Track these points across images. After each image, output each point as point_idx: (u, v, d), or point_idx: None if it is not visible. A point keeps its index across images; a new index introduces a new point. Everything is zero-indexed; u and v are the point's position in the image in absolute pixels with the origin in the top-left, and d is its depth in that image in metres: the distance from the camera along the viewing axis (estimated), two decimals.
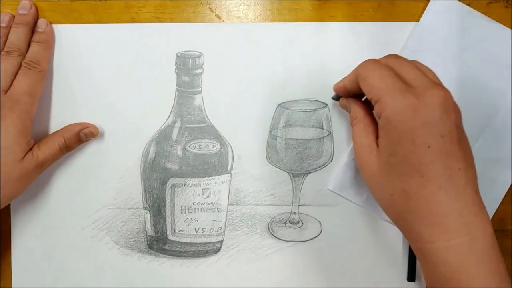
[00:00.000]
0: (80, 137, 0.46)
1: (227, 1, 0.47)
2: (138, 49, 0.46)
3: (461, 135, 0.34)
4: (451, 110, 0.34)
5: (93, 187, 0.47)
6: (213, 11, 0.47)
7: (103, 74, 0.47)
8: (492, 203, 0.46)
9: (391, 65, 0.37)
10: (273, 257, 0.46)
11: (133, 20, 0.47)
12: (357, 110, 0.40)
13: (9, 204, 0.47)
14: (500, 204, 0.46)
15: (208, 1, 0.47)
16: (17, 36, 0.44)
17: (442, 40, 0.46)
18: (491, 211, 0.46)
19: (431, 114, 0.33)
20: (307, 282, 0.46)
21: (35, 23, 0.46)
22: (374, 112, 0.37)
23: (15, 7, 0.46)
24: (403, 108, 0.33)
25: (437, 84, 0.35)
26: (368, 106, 0.40)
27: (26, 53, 0.44)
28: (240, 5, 0.47)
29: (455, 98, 0.35)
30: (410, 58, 0.45)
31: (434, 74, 0.37)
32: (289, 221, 0.47)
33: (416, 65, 0.37)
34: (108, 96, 0.47)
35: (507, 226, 0.47)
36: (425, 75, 0.36)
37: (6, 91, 0.42)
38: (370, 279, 0.46)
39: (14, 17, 0.45)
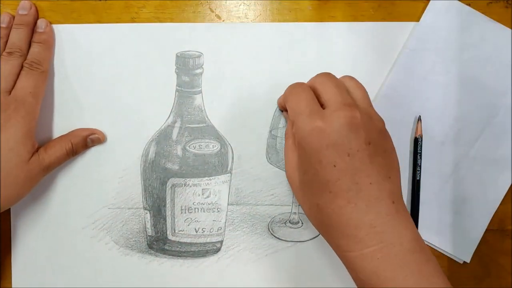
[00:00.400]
0: (87, 142, 0.46)
1: (227, 1, 0.47)
2: (138, 49, 0.46)
3: (374, 151, 0.35)
4: (359, 129, 0.35)
5: (93, 187, 0.47)
6: (213, 11, 0.47)
7: (103, 75, 0.47)
8: (492, 203, 0.46)
9: (316, 85, 0.39)
10: (273, 257, 0.46)
11: (133, 20, 0.47)
12: (289, 128, 0.41)
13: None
14: (500, 204, 0.46)
15: (208, 1, 0.47)
16: (18, 37, 0.44)
17: (442, 40, 0.46)
18: (491, 211, 0.46)
19: (337, 135, 0.35)
20: (308, 282, 0.46)
21: (35, 23, 0.46)
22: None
23: (15, 7, 0.46)
24: (310, 132, 0.35)
25: (347, 105, 0.36)
26: None
27: (27, 53, 0.44)
28: (240, 5, 0.47)
29: (456, 98, 0.35)
30: (410, 58, 0.45)
31: (360, 90, 0.39)
32: (289, 221, 0.47)
33: (339, 85, 0.38)
34: (108, 96, 0.47)
35: (507, 226, 0.47)
36: (343, 94, 0.37)
37: (9, 92, 0.42)
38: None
39: (14, 17, 0.45)
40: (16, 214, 0.47)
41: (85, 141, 0.46)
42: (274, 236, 0.47)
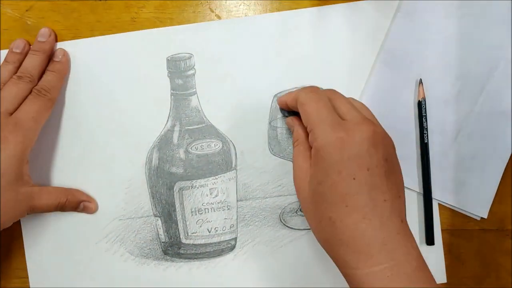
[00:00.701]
0: (79, 207, 0.46)
1: (227, 1, 0.47)
2: (128, 58, 0.47)
3: (389, 168, 0.36)
4: (379, 144, 0.35)
5: (101, 201, 0.47)
6: (213, 11, 0.47)
7: (97, 89, 0.47)
8: (502, 156, 0.46)
9: (329, 97, 0.39)
10: (288, 247, 0.46)
11: (133, 20, 0.47)
12: (300, 133, 0.41)
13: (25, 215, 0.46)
14: (500, 204, 0.46)
15: (208, 1, 0.47)
16: (32, 63, 0.44)
17: (418, 41, 0.46)
18: (502, 164, 0.46)
19: (359, 148, 0.35)
20: (325, 267, 0.46)
21: (52, 50, 0.46)
22: (309, 139, 0.38)
23: (15, 7, 0.46)
24: (332, 141, 0.35)
25: (368, 120, 0.36)
26: None
27: (37, 80, 0.44)
28: (240, 5, 0.47)
29: (454, 55, 0.35)
30: (404, 20, 0.46)
31: (368, 110, 0.39)
32: (300, 210, 0.47)
33: (350, 101, 0.39)
34: (105, 108, 0.47)
35: (507, 226, 0.47)
36: (358, 110, 0.38)
37: (10, 114, 0.42)
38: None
39: (28, 43, 0.45)
40: (28, 236, 0.47)
41: (77, 204, 0.46)
42: (287, 226, 0.47)
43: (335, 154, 0.35)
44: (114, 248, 0.47)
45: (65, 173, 0.47)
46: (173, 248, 0.47)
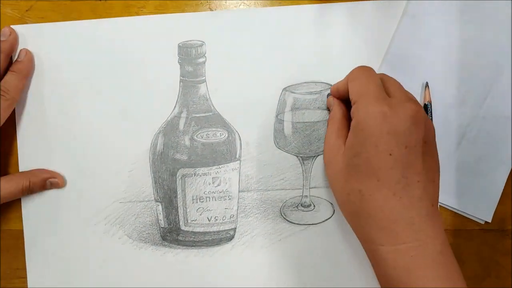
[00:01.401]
0: (46, 185, 0.46)
1: (227, 1, 0.47)
2: (140, 42, 0.47)
3: (428, 151, 0.36)
4: (421, 124, 0.35)
5: (103, 183, 0.47)
6: (213, 11, 0.47)
7: (105, 70, 0.47)
8: (507, 160, 0.46)
9: (381, 77, 0.39)
10: (287, 241, 0.46)
11: None
12: (337, 111, 0.41)
13: (20, 204, 0.47)
14: (500, 204, 0.46)
15: (208, 1, 0.47)
16: None
17: (441, 3, 0.46)
18: (507, 169, 0.46)
19: (400, 124, 0.35)
20: (322, 264, 0.46)
21: (13, 49, 0.45)
22: (351, 112, 0.38)
23: (16, 7, 0.46)
24: (373, 114, 0.35)
25: (414, 100, 0.37)
26: (349, 111, 0.41)
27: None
28: (240, 5, 0.47)
29: (460, 60, 0.36)
30: (411, 24, 0.46)
31: (413, 97, 0.39)
32: (301, 205, 0.47)
33: (399, 83, 0.39)
34: (112, 92, 0.47)
35: (507, 226, 0.47)
36: (406, 91, 0.38)
37: None
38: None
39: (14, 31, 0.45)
40: (28, 214, 0.47)
41: (43, 183, 0.46)
42: (287, 220, 0.47)
43: (375, 127, 0.35)
44: (113, 230, 0.47)
45: (70, 153, 0.47)
46: (172, 234, 0.47)
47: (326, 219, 0.46)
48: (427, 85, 0.46)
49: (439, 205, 0.46)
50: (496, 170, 0.46)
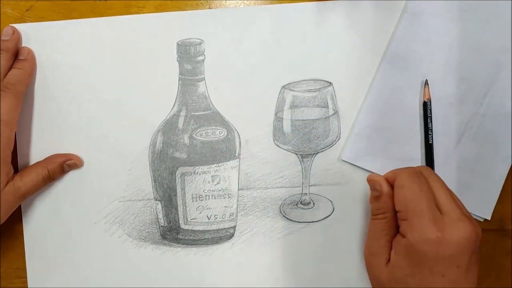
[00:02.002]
0: (64, 168, 0.46)
1: (227, 1, 0.47)
2: (139, 41, 0.46)
3: (471, 270, 0.36)
4: (475, 246, 0.35)
5: (102, 182, 0.47)
6: (212, 9, 0.47)
7: (103, 69, 0.46)
8: (506, 158, 0.46)
9: (427, 177, 0.38)
10: (287, 239, 0.46)
11: None
12: (389, 204, 0.39)
13: (19, 204, 0.47)
14: (500, 204, 0.46)
15: (208, 1, 0.47)
16: None
17: (442, 2, 0.46)
18: (506, 166, 0.46)
19: (454, 249, 0.35)
20: (322, 262, 0.46)
21: (17, 49, 0.45)
22: (400, 226, 0.38)
23: (15, 6, 0.46)
24: (430, 240, 0.35)
25: (466, 217, 0.36)
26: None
27: (3, 78, 0.44)
28: (240, 5, 0.47)
29: (460, 58, 0.35)
30: (411, 21, 0.46)
31: (463, 206, 0.38)
32: (301, 202, 0.47)
33: (446, 188, 0.38)
34: (110, 90, 0.47)
35: (507, 226, 0.47)
36: (455, 201, 0.37)
37: None
38: None
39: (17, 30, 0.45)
40: (27, 213, 0.47)
41: (61, 167, 0.46)
42: (287, 218, 0.47)
43: (431, 253, 0.35)
44: (113, 229, 0.47)
45: (70, 151, 0.47)
46: (172, 232, 0.47)
47: (326, 217, 0.46)
48: (426, 82, 0.46)
49: None
50: (496, 167, 0.46)
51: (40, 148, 0.47)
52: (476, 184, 0.46)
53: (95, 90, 0.47)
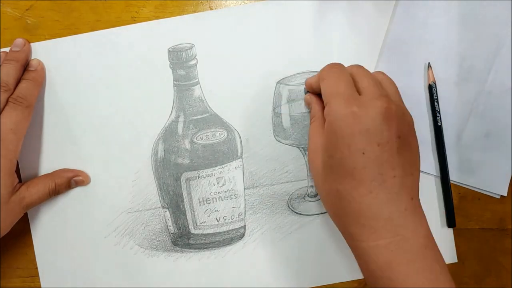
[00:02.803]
0: (71, 184, 0.46)
1: (228, 1, 0.47)
2: (130, 52, 0.46)
3: (402, 145, 0.36)
4: (393, 121, 0.35)
5: (109, 195, 0.47)
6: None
7: (98, 83, 0.47)
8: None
9: (353, 72, 0.39)
10: (298, 233, 0.46)
11: (133, 19, 0.47)
12: (317, 109, 0.41)
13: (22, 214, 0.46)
14: (500, 203, 0.46)
15: (209, 0, 0.47)
16: (6, 72, 0.44)
17: (421, 25, 0.46)
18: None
19: (370, 123, 0.35)
20: (335, 251, 0.46)
21: (27, 61, 0.46)
22: (324, 113, 0.38)
23: (16, 6, 0.46)
24: (344, 115, 0.35)
25: (384, 96, 0.36)
26: None
27: (14, 89, 0.44)
28: (240, 4, 0.47)
29: (460, 36, 0.38)
30: (407, 5, 0.45)
31: (393, 85, 0.39)
32: (308, 195, 0.47)
33: (373, 76, 0.39)
34: (108, 102, 0.47)
35: (507, 226, 0.47)
36: (378, 86, 0.37)
37: None
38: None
39: (28, 42, 0.46)
40: (37, 236, 0.47)
41: (69, 182, 0.46)
42: (295, 212, 0.47)
43: (346, 128, 0.35)
44: (123, 241, 0.47)
45: (72, 165, 0.47)
46: (183, 238, 0.47)
47: None
48: (429, 65, 0.46)
49: (454, 184, 0.46)
50: (507, 143, 0.46)
51: (42, 162, 0.47)
52: (489, 162, 0.46)
53: (93, 104, 0.47)
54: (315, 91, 0.42)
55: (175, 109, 0.46)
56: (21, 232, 0.47)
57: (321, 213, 0.46)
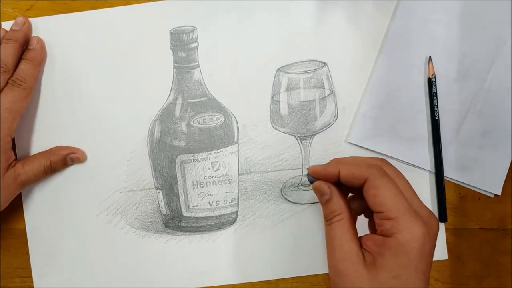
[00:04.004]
0: (66, 161, 0.46)
1: None
2: (131, 31, 0.47)
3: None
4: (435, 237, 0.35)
5: (103, 174, 0.47)
6: None
7: (99, 62, 0.47)
8: (511, 135, 0.46)
9: (394, 178, 0.36)
10: (289, 221, 0.47)
11: None
12: (342, 205, 0.37)
13: (21, 203, 0.47)
14: (500, 203, 0.46)
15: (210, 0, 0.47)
16: (5, 52, 0.44)
17: (423, 21, 0.46)
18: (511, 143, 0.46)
19: (433, 245, 0.35)
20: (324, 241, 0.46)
21: (27, 39, 0.45)
22: (380, 227, 0.35)
23: (16, 6, 0.46)
24: (419, 236, 0.34)
25: (430, 211, 0.36)
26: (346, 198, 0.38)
27: (13, 69, 0.44)
28: None
29: (461, 33, 0.39)
30: (410, 5, 0.45)
31: (407, 185, 0.37)
32: (301, 184, 0.47)
33: (409, 184, 0.37)
34: (106, 81, 0.47)
35: (507, 226, 0.47)
36: (418, 198, 0.36)
37: None
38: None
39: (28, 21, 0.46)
40: (29, 209, 0.47)
41: (64, 160, 0.46)
42: (288, 200, 0.47)
43: (418, 250, 0.34)
44: (115, 220, 0.47)
45: (69, 143, 0.47)
46: (174, 221, 0.47)
47: None
48: (430, 59, 0.46)
49: (452, 182, 0.46)
50: (503, 142, 0.46)
51: (39, 139, 0.47)
52: (485, 160, 0.46)
53: (92, 82, 0.47)
54: (326, 179, 0.37)
55: (173, 91, 0.46)
56: (21, 231, 0.47)
57: (314, 203, 0.47)
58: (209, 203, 0.46)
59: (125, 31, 0.46)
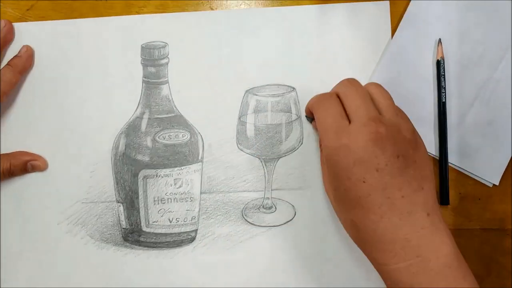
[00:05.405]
0: (27, 167, 0.46)
1: (228, 1, 0.47)
2: (103, 43, 0.47)
3: (404, 163, 0.35)
4: (385, 144, 0.34)
5: (66, 183, 0.47)
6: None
7: (66, 71, 0.47)
8: None
9: (341, 96, 0.39)
10: (248, 243, 0.46)
11: None
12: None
13: None
14: (500, 203, 0.46)
15: (209, 0, 0.47)
16: None
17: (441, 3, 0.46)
18: None
19: (363, 152, 0.34)
20: (284, 265, 0.46)
21: (7, 42, 0.46)
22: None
23: (16, 6, 0.47)
24: (336, 149, 0.36)
25: (371, 120, 0.35)
26: None
27: None
28: (241, 5, 0.47)
29: (476, 20, 0.39)
30: (413, 18, 0.45)
31: (386, 101, 0.38)
32: (263, 206, 0.47)
33: (362, 95, 0.38)
34: (75, 91, 0.47)
35: (507, 226, 0.47)
36: (367, 107, 0.36)
37: None
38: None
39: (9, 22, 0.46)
40: None
41: (25, 166, 0.46)
42: (248, 222, 0.47)
43: (341, 162, 0.35)
44: (75, 230, 0.47)
45: (32, 150, 0.47)
46: (133, 235, 0.47)
47: (288, 221, 0.47)
48: (440, 41, 0.46)
49: (452, 167, 0.46)
50: (507, 134, 0.45)
51: (3, 142, 0.47)
52: (487, 149, 0.46)
53: (61, 91, 0.47)
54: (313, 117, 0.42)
55: (141, 105, 0.46)
56: None
57: (274, 226, 0.46)
58: (169, 219, 0.46)
59: (97, 43, 0.46)
